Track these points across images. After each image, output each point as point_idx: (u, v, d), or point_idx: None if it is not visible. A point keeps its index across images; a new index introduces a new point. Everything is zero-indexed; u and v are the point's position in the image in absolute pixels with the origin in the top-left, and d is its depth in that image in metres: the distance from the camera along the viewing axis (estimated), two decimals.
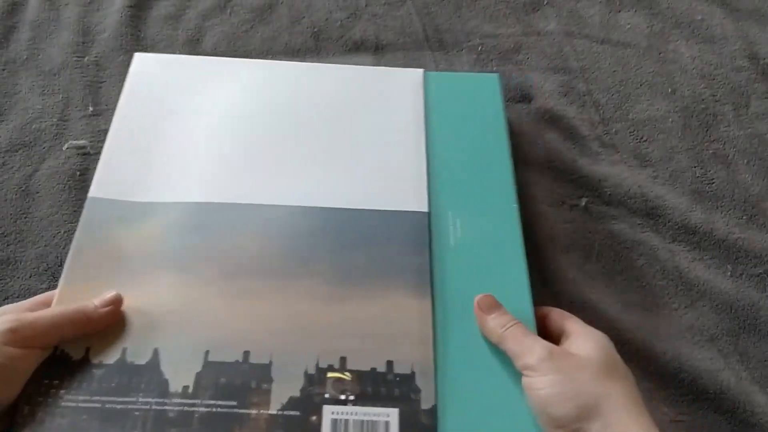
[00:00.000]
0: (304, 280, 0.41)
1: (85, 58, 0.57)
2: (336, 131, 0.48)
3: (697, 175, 0.53)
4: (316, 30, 0.61)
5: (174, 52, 0.58)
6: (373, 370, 0.37)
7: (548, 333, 0.40)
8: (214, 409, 0.35)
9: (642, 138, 0.55)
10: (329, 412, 0.36)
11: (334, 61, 0.59)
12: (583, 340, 0.37)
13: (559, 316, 0.40)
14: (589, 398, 0.33)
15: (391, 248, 0.42)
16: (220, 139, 0.47)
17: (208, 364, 0.37)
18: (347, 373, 0.37)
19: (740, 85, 0.59)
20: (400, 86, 0.51)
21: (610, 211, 0.51)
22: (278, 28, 0.61)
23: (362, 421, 0.36)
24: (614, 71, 0.59)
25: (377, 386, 0.37)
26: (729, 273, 0.48)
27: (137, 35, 0.59)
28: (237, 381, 0.36)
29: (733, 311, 0.47)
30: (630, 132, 0.56)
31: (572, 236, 0.50)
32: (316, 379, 0.37)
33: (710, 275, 0.48)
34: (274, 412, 0.35)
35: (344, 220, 0.44)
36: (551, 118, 0.56)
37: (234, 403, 0.36)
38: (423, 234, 0.43)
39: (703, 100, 0.58)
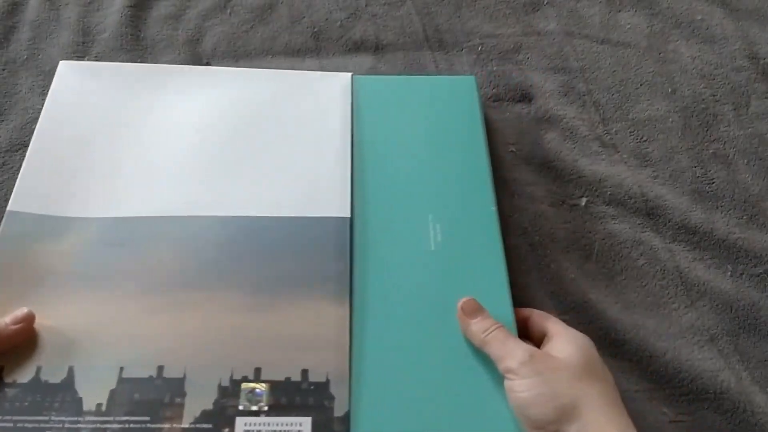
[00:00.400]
0: (222, 292, 0.41)
1: (85, 58, 0.57)
2: (258, 138, 0.48)
3: (697, 175, 0.53)
4: (316, 30, 0.61)
5: (174, 52, 0.58)
6: (288, 379, 0.38)
7: (530, 335, 0.41)
8: (126, 425, 0.36)
9: (642, 138, 0.55)
10: (242, 423, 0.36)
11: (334, 61, 0.59)
12: (564, 342, 0.37)
13: (540, 318, 0.41)
14: (567, 401, 0.34)
15: (311, 255, 0.42)
16: (140, 151, 0.47)
17: (122, 381, 0.37)
18: (262, 384, 0.37)
19: (740, 85, 0.59)
20: (325, 91, 0.51)
21: (610, 211, 0.51)
22: (278, 28, 0.61)
23: (276, 431, 0.36)
24: (614, 71, 0.59)
25: (292, 396, 0.37)
26: (729, 273, 0.48)
27: (137, 35, 0.59)
28: (150, 396, 0.37)
29: (733, 311, 0.47)
30: (630, 132, 0.56)
31: (572, 236, 0.50)
32: (230, 391, 0.37)
33: (710, 275, 0.48)
34: (187, 425, 0.36)
35: (265, 228, 0.43)
36: (551, 118, 0.56)
37: (147, 418, 0.36)
38: (344, 240, 0.43)
39: (703, 100, 0.58)
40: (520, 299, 0.44)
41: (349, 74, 0.52)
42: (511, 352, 0.36)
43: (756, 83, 0.59)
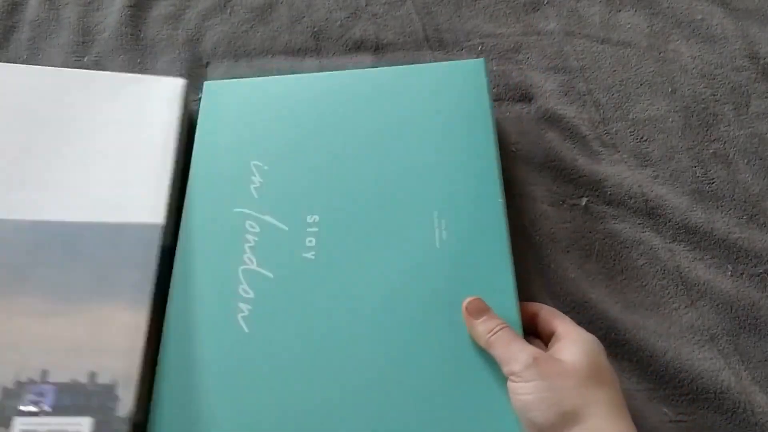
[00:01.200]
0: (20, 297, 0.41)
1: (85, 58, 0.57)
2: (71, 140, 0.47)
3: (698, 174, 0.53)
4: (316, 30, 0.61)
5: (174, 52, 0.58)
6: (75, 381, 0.38)
7: (539, 332, 0.40)
8: None
9: (642, 138, 0.55)
10: (20, 424, 0.36)
11: (334, 60, 0.59)
12: (571, 344, 0.37)
13: (548, 315, 0.40)
14: (570, 406, 0.34)
15: (115, 262, 0.42)
16: None
17: None
18: (46, 385, 0.38)
19: (740, 85, 0.59)
20: (154, 95, 0.50)
21: (611, 211, 0.51)
22: (278, 28, 0.61)
23: (54, 431, 0.36)
24: (614, 71, 0.59)
25: (77, 397, 0.37)
26: (729, 273, 0.48)
27: (137, 35, 0.59)
28: None
29: (733, 311, 0.47)
30: (630, 132, 0.55)
31: (572, 236, 0.50)
32: (12, 392, 0.37)
33: (710, 275, 0.48)
34: None
35: (70, 233, 0.43)
36: (551, 118, 0.56)
37: None
38: (152, 247, 0.43)
39: (703, 99, 0.58)
40: (520, 299, 0.44)
41: (181, 81, 0.50)
42: (516, 354, 0.36)
43: (756, 83, 0.59)
